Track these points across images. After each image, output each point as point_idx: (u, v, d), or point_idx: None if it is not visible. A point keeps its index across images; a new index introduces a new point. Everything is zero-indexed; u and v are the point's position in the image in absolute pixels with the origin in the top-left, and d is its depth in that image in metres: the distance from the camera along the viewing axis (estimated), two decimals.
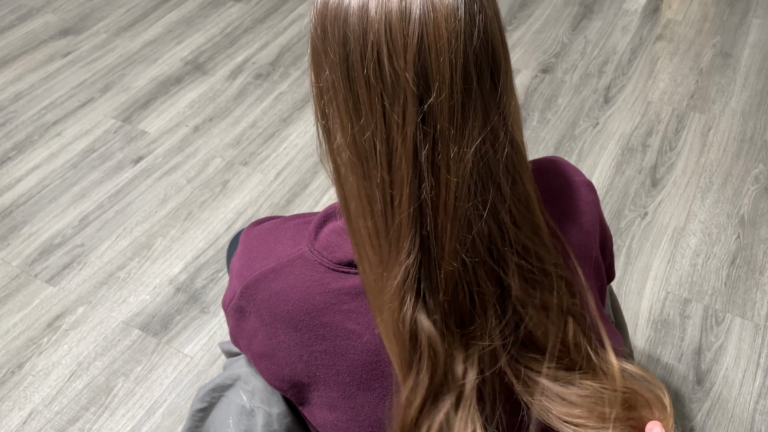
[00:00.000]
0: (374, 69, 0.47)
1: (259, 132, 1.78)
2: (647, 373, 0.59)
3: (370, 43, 0.46)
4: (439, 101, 0.47)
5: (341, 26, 0.48)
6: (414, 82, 0.47)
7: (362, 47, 0.47)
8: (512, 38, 2.07)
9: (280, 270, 0.59)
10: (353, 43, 0.48)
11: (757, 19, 2.13)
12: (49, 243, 1.50)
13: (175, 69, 2.00)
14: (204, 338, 1.32)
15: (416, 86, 0.47)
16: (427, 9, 0.46)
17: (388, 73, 0.47)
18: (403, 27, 0.46)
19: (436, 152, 0.49)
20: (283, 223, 0.65)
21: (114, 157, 1.71)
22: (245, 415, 0.70)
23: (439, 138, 0.48)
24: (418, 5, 0.46)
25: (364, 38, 0.46)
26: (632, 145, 1.70)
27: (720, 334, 1.29)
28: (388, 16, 0.46)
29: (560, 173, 0.66)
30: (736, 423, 1.17)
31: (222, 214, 1.56)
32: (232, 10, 2.25)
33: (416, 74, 0.46)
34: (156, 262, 1.46)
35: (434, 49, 0.46)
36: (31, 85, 1.95)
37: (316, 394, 0.62)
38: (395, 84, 0.47)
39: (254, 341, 0.63)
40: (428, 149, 0.48)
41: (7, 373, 1.27)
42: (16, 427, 1.19)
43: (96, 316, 1.36)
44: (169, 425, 1.19)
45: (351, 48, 0.48)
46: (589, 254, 0.66)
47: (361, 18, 0.46)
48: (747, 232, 1.47)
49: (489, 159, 0.50)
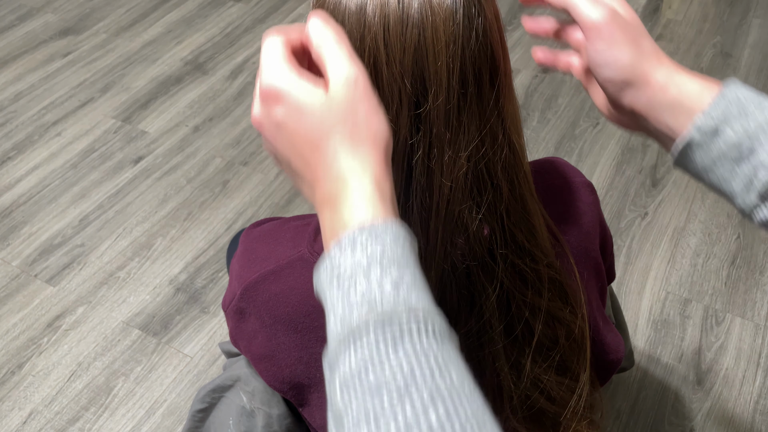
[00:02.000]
0: (371, 73, 0.47)
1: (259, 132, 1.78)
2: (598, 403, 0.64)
3: (367, 47, 0.46)
4: (436, 105, 0.47)
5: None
6: (411, 87, 0.46)
7: (359, 52, 0.46)
8: (512, 38, 2.07)
9: (280, 272, 0.59)
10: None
11: (757, 19, 2.13)
12: (49, 243, 1.50)
13: (175, 69, 2.00)
14: (204, 338, 1.31)
15: (413, 91, 0.47)
16: (425, 13, 0.45)
17: (385, 78, 0.47)
18: (401, 32, 0.45)
19: (431, 156, 0.48)
20: (282, 225, 0.65)
21: (114, 157, 1.71)
22: (245, 416, 0.70)
23: (434, 141, 0.48)
24: (416, 9, 0.45)
25: (361, 43, 0.46)
26: (632, 144, 1.69)
27: (720, 334, 1.29)
28: (386, 21, 0.45)
29: (560, 174, 0.66)
30: (736, 423, 1.17)
31: (222, 214, 1.56)
32: (232, 10, 2.25)
33: (413, 78, 0.46)
34: (156, 262, 1.46)
35: (432, 53, 0.46)
36: (31, 85, 1.95)
37: (316, 395, 0.62)
38: (392, 88, 0.47)
39: (254, 343, 0.63)
40: (422, 153, 0.48)
41: (7, 373, 1.27)
42: (16, 427, 1.19)
43: (96, 316, 1.36)
44: (169, 425, 1.19)
45: None
46: (589, 255, 0.66)
47: (359, 22, 0.46)
48: (747, 232, 1.47)
49: (486, 162, 0.50)
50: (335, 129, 0.38)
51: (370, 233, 0.36)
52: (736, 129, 0.40)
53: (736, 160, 0.41)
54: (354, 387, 0.31)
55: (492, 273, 0.53)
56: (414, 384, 0.30)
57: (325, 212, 0.39)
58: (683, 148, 0.43)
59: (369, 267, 0.35)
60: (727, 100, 0.41)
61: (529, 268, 0.54)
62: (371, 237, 0.36)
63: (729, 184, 0.42)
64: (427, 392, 0.30)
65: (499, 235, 0.53)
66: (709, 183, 0.43)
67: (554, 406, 0.60)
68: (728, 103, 0.41)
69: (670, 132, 0.44)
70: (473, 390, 0.32)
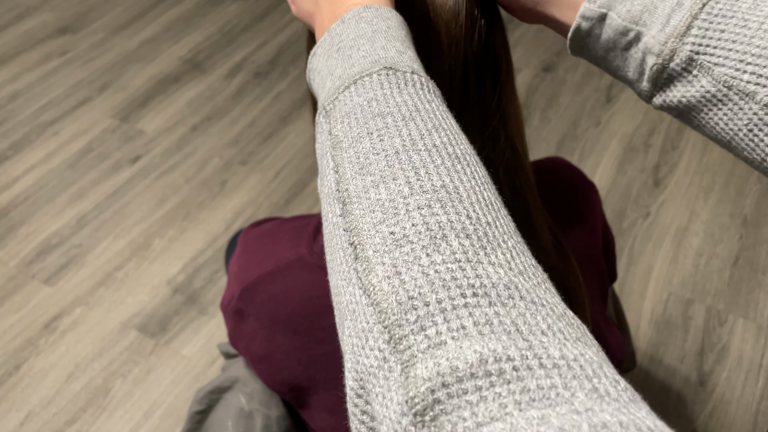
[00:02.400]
0: None
1: (258, 131, 1.77)
2: None
3: None
4: None
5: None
6: None
7: None
8: (513, 36, 2.06)
9: (279, 273, 0.58)
10: None
11: None
12: (47, 243, 1.49)
13: (173, 68, 1.99)
14: (202, 339, 1.31)
15: None
16: (428, 15, 0.45)
17: None
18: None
19: None
20: (281, 225, 0.64)
21: (112, 156, 1.70)
22: (244, 418, 0.69)
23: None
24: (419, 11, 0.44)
25: None
26: (634, 144, 1.69)
27: (723, 335, 1.28)
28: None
29: (562, 174, 0.66)
30: (739, 424, 1.16)
31: (220, 214, 1.55)
32: (230, 8, 2.24)
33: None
34: (154, 262, 1.45)
35: (434, 55, 0.45)
36: (29, 84, 1.94)
37: (315, 397, 0.62)
38: None
39: (253, 344, 0.62)
40: None
41: (4, 375, 1.26)
42: (14, 428, 1.18)
43: (93, 317, 1.35)
44: (168, 427, 1.18)
45: None
46: (591, 256, 0.66)
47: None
48: (750, 232, 1.46)
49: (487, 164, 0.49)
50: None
51: (376, 11, 0.36)
52: (621, 13, 0.39)
53: (625, 47, 0.40)
54: (356, 115, 0.31)
55: None
56: (419, 115, 0.31)
57: (324, 8, 0.39)
58: (572, 36, 0.42)
59: (374, 35, 0.34)
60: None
61: None
62: (377, 15, 0.36)
63: (623, 72, 0.41)
64: (431, 123, 0.30)
65: None
66: (607, 71, 0.43)
67: None
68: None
69: (560, 18, 0.43)
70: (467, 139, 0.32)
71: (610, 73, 0.43)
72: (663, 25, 0.38)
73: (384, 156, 0.29)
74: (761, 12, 0.36)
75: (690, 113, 0.39)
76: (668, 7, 0.38)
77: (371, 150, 0.29)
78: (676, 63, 0.38)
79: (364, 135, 0.30)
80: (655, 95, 0.40)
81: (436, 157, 0.29)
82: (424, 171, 0.28)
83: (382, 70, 0.32)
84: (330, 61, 0.35)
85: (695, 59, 0.37)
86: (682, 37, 0.37)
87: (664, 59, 0.38)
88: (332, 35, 0.36)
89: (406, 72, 0.33)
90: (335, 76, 0.34)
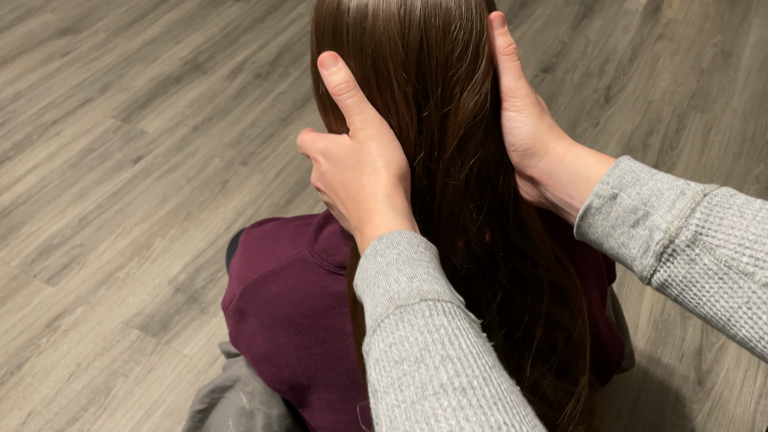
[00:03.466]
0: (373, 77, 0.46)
1: (259, 131, 1.77)
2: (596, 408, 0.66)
3: (370, 52, 0.46)
4: (438, 108, 0.47)
5: (338, 39, 0.47)
6: (413, 90, 0.46)
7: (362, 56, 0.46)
8: (512, 38, 2.07)
9: (280, 272, 0.59)
10: (351, 56, 0.47)
11: (758, 18, 2.13)
12: (48, 243, 1.50)
13: (175, 68, 1.99)
14: (203, 338, 1.31)
15: (415, 94, 0.46)
16: (427, 17, 0.45)
17: (387, 82, 0.46)
18: (403, 36, 0.45)
19: (433, 158, 0.48)
20: (282, 225, 0.65)
21: (113, 156, 1.71)
22: (245, 417, 0.70)
23: (436, 144, 0.48)
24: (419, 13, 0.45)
25: (363, 48, 0.46)
26: (633, 144, 1.69)
27: (721, 335, 1.29)
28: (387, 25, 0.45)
29: None
30: (737, 424, 1.17)
31: (221, 214, 1.55)
32: (231, 9, 2.25)
33: (416, 82, 0.46)
34: (155, 262, 1.45)
35: (434, 59, 0.45)
36: (30, 85, 1.94)
37: (316, 396, 0.62)
38: (394, 92, 0.46)
39: (254, 343, 0.63)
40: (424, 154, 0.48)
41: (6, 374, 1.27)
42: (15, 427, 1.19)
43: (95, 317, 1.36)
44: (169, 426, 1.19)
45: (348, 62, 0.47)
46: (590, 256, 0.66)
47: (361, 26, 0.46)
48: None
49: (487, 165, 0.50)
50: (356, 168, 0.47)
51: (388, 241, 0.43)
52: (632, 194, 0.44)
53: (633, 224, 0.44)
54: (382, 364, 0.37)
55: (492, 277, 0.53)
56: (427, 353, 0.35)
57: (357, 238, 0.47)
58: (584, 212, 0.46)
59: (387, 268, 0.41)
60: (621, 169, 0.45)
61: (530, 272, 0.54)
62: (389, 245, 0.42)
63: (627, 249, 0.45)
64: (438, 358, 0.35)
65: (500, 238, 0.52)
66: (609, 249, 0.46)
67: (551, 410, 0.60)
68: (623, 172, 0.45)
69: (569, 199, 0.47)
70: (484, 353, 0.36)
71: (611, 251, 0.46)
72: (669, 208, 0.42)
73: (404, 409, 0.34)
74: (753, 206, 0.41)
75: (691, 290, 0.42)
76: (673, 194, 0.43)
77: (395, 403, 0.34)
78: (681, 240, 0.41)
79: (389, 387, 0.35)
80: (658, 270, 0.43)
81: (443, 400, 0.33)
82: (434, 420, 0.32)
83: (396, 310, 0.38)
84: (365, 296, 0.42)
85: (699, 239, 0.41)
86: (687, 218, 0.41)
87: (671, 235, 0.41)
88: (361, 270, 0.43)
89: (414, 304, 0.38)
90: (368, 313, 0.41)
